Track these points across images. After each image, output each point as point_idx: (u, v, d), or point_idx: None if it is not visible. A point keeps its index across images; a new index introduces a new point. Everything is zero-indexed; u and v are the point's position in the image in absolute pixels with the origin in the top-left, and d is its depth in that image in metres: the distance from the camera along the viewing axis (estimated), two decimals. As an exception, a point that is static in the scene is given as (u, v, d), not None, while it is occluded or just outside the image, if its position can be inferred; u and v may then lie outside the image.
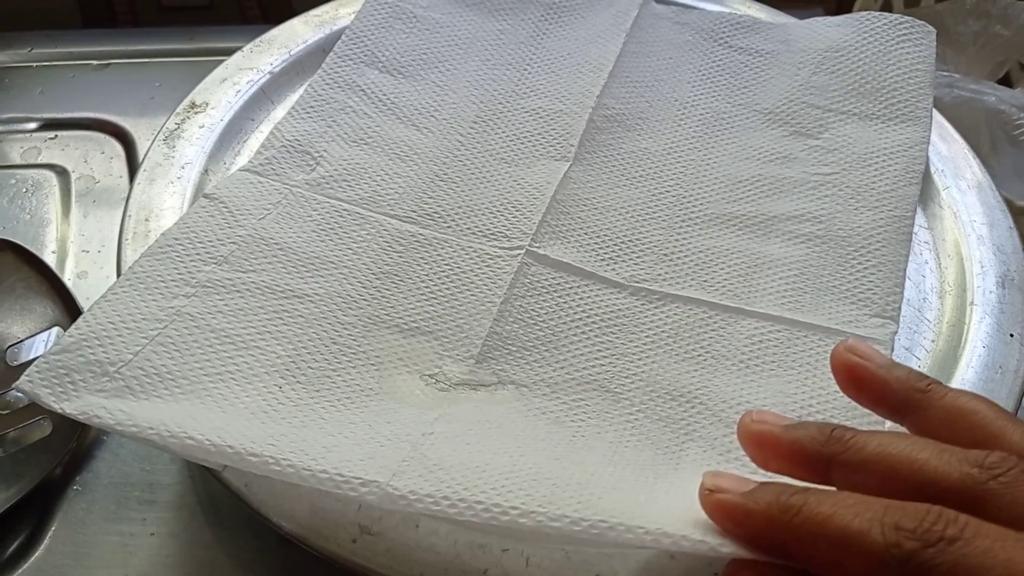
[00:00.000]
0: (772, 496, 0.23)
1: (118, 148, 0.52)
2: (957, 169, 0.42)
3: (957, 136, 0.44)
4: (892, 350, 0.34)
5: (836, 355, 0.27)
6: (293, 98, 0.44)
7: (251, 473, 0.29)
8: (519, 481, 0.27)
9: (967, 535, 0.20)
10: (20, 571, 0.35)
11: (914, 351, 0.36)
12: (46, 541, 0.36)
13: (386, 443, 0.29)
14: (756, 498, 0.23)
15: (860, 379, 0.26)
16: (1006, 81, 0.61)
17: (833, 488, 0.24)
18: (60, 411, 0.30)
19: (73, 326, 0.32)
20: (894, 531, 0.20)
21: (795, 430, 0.25)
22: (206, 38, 0.59)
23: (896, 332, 0.35)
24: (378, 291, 0.36)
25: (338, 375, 0.33)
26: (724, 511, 0.24)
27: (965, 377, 0.34)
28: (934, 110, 0.44)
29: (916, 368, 0.35)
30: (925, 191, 0.42)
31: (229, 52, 0.46)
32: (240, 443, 0.28)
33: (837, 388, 0.30)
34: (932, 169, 0.42)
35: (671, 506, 0.26)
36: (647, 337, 0.35)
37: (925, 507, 0.21)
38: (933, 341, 0.36)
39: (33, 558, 0.35)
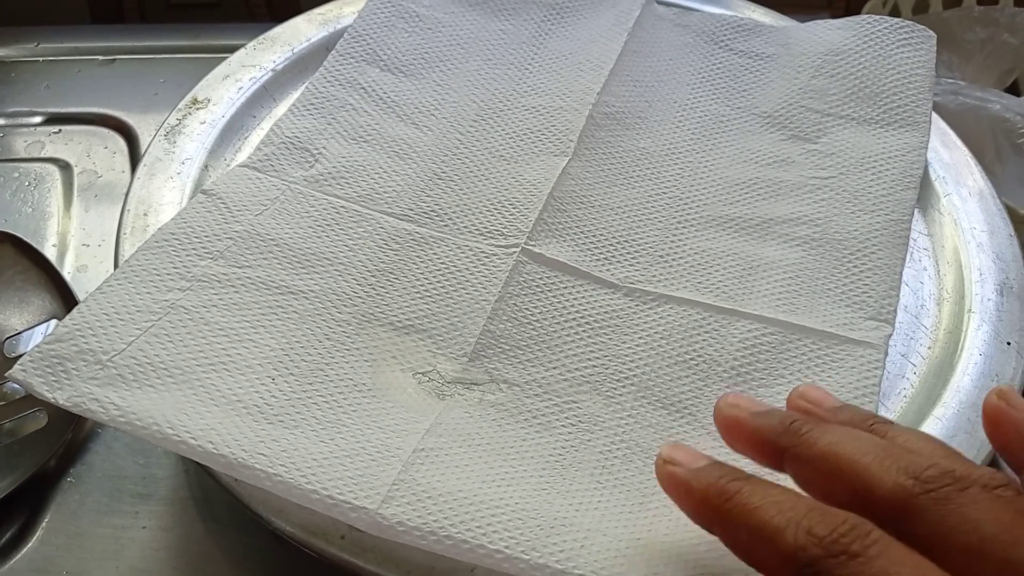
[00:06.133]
0: (713, 478, 0.24)
1: (121, 143, 0.52)
2: (959, 176, 0.42)
3: (960, 143, 0.44)
4: (887, 353, 0.34)
5: (789, 401, 0.28)
6: (295, 96, 0.44)
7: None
8: (505, 520, 0.28)
9: (871, 553, 0.21)
10: (13, 562, 0.35)
11: (910, 357, 0.36)
12: (39, 532, 0.36)
13: (377, 456, 0.30)
14: (700, 477, 0.25)
15: None
16: (1013, 89, 0.61)
17: (785, 476, 0.25)
18: (53, 401, 0.30)
19: (67, 317, 0.32)
20: (806, 535, 0.21)
21: (760, 418, 0.26)
22: (212, 35, 0.59)
23: (891, 335, 0.35)
24: (373, 288, 0.36)
25: (331, 369, 0.33)
26: (671, 482, 0.25)
27: (961, 384, 0.34)
28: (938, 117, 0.44)
29: (913, 374, 0.35)
30: (925, 198, 0.41)
31: (235, 49, 0.46)
32: (232, 452, 0.29)
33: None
34: (933, 176, 0.42)
35: (652, 557, 0.27)
36: (640, 339, 0.35)
37: (843, 517, 0.22)
38: (930, 348, 0.36)
39: (26, 549, 0.36)
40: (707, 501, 0.24)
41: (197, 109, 0.43)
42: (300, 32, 0.48)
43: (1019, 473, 0.26)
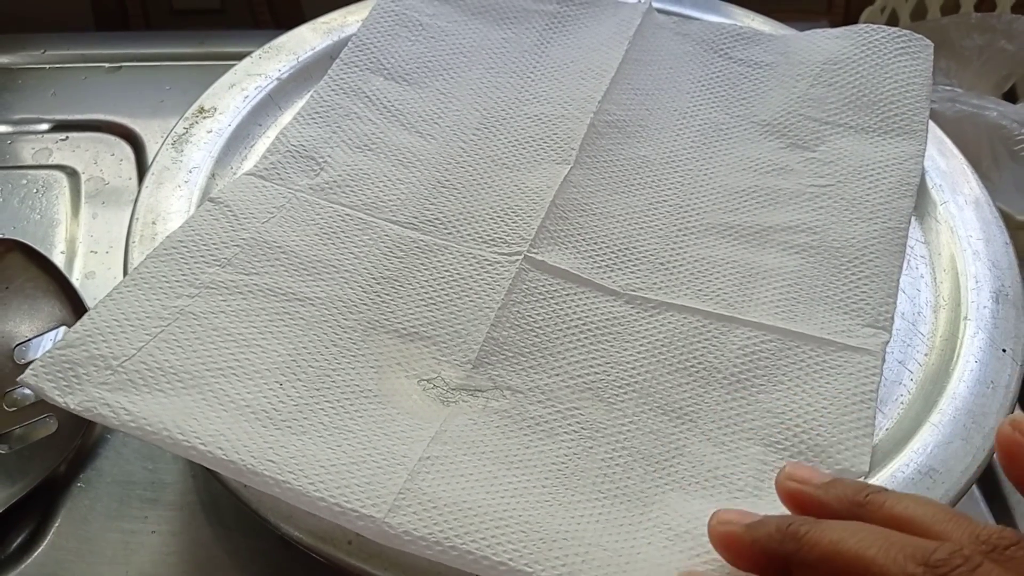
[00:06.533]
0: None
1: (128, 150, 0.53)
2: (955, 184, 0.43)
3: (956, 151, 0.44)
4: (884, 359, 0.35)
5: (778, 483, 0.28)
6: (300, 104, 0.44)
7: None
8: (509, 532, 0.28)
9: None
10: (24, 566, 0.36)
11: (907, 364, 0.36)
12: (50, 537, 0.37)
13: (383, 464, 0.30)
14: None
15: (802, 504, 0.27)
16: (1011, 95, 0.62)
17: None
18: (64, 405, 0.30)
19: (78, 323, 0.33)
20: None
21: (756, 529, 0.26)
22: (216, 42, 0.60)
23: (888, 342, 0.35)
24: (378, 296, 0.36)
25: (338, 375, 0.33)
26: None
27: (957, 391, 0.35)
28: (935, 125, 0.45)
29: (909, 381, 0.36)
30: (922, 205, 0.42)
31: (239, 56, 0.47)
32: (241, 458, 0.29)
33: (823, 407, 0.33)
34: (930, 184, 0.43)
35: (651, 571, 0.28)
36: (641, 346, 0.35)
37: None
38: (926, 355, 0.37)
39: (37, 553, 0.36)
40: None
41: (204, 118, 0.44)
42: (305, 41, 0.48)
43: None
